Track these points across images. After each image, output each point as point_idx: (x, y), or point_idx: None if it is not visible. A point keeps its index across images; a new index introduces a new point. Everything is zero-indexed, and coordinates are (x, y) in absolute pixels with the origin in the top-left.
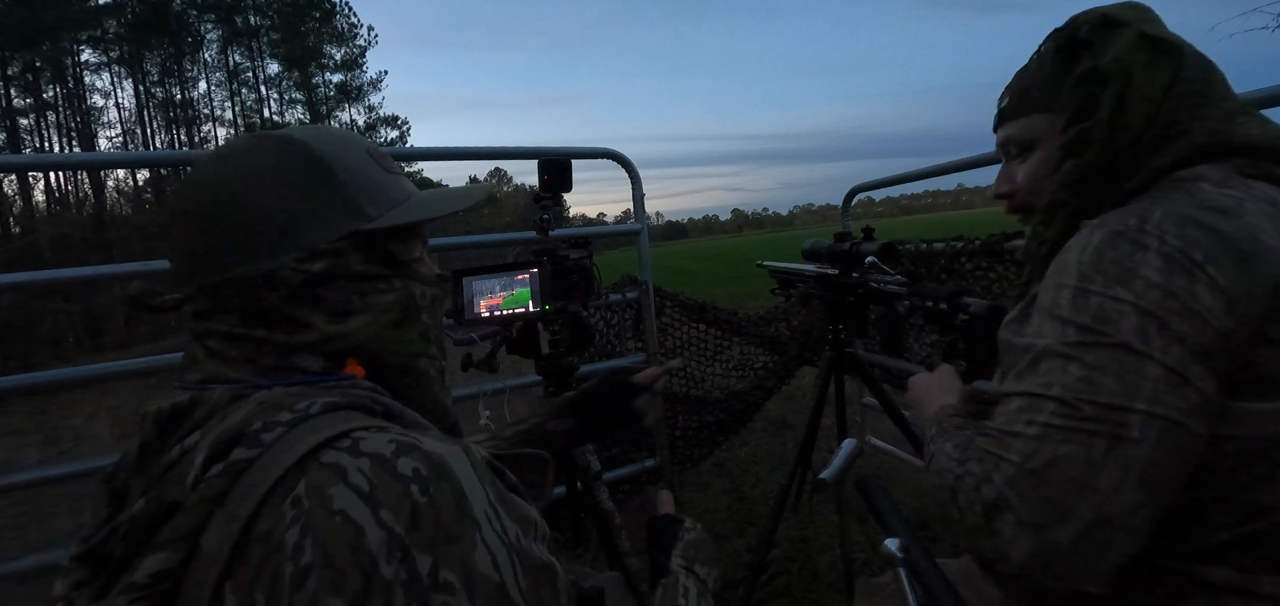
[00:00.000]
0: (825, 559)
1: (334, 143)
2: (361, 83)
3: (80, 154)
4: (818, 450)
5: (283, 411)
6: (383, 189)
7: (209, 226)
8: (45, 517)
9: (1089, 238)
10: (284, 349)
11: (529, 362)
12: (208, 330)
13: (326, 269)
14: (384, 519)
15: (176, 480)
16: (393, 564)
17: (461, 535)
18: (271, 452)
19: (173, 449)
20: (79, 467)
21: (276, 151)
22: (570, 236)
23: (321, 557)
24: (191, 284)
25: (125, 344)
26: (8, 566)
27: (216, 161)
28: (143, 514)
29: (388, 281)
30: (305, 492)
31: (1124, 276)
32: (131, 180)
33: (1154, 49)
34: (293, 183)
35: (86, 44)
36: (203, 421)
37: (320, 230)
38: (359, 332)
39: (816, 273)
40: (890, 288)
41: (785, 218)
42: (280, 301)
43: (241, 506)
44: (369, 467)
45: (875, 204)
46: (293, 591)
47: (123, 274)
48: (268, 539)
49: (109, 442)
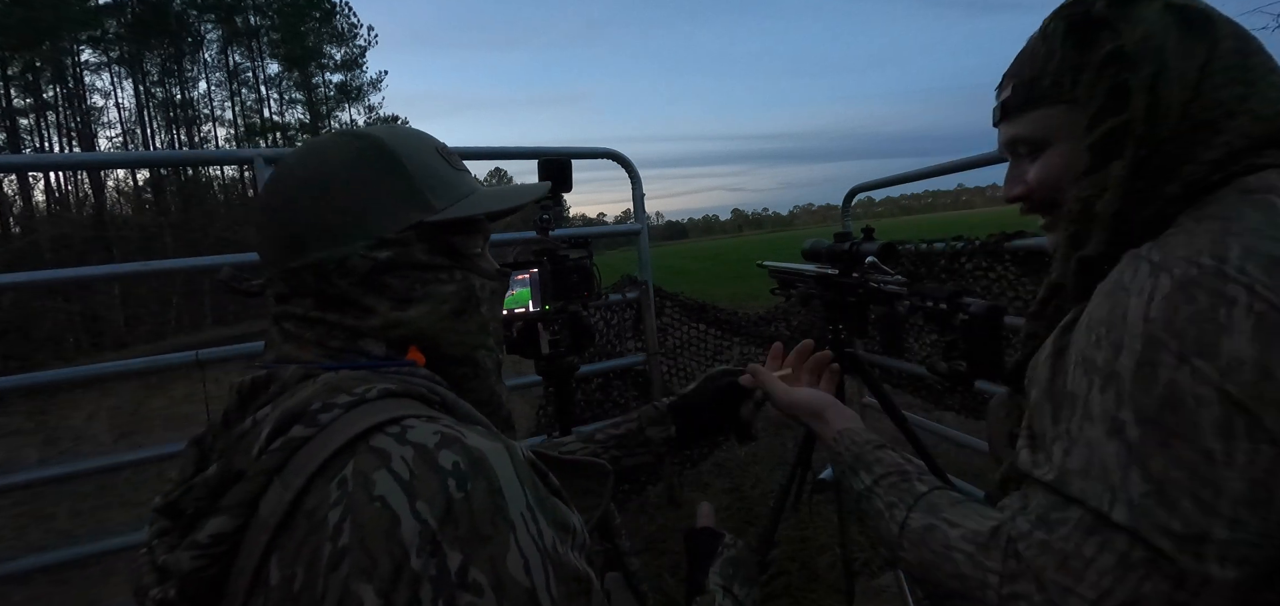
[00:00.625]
0: (825, 559)
1: (404, 139)
2: (361, 83)
3: (80, 154)
4: (818, 450)
5: (341, 394)
6: (448, 184)
7: (291, 215)
8: (45, 517)
9: (1153, 281)
10: (352, 332)
11: (529, 363)
12: (285, 313)
13: (392, 257)
14: (419, 510)
15: (245, 449)
16: (423, 557)
17: (494, 535)
18: (326, 432)
19: (248, 420)
20: (79, 467)
21: (353, 146)
22: (570, 236)
23: (357, 541)
24: (274, 268)
25: (125, 344)
26: (8, 566)
27: (299, 157)
28: (213, 478)
29: (449, 273)
30: (351, 474)
31: (1205, 346)
32: (131, 180)
33: (1184, 22)
34: (365, 175)
35: (86, 44)
36: (276, 396)
37: (388, 220)
38: (420, 320)
39: (816, 273)
40: (890, 288)
41: (785, 218)
42: (349, 286)
43: (296, 478)
44: (412, 457)
45: (875, 204)
46: (328, 572)
47: (123, 274)
48: (313, 515)
49: (109, 442)
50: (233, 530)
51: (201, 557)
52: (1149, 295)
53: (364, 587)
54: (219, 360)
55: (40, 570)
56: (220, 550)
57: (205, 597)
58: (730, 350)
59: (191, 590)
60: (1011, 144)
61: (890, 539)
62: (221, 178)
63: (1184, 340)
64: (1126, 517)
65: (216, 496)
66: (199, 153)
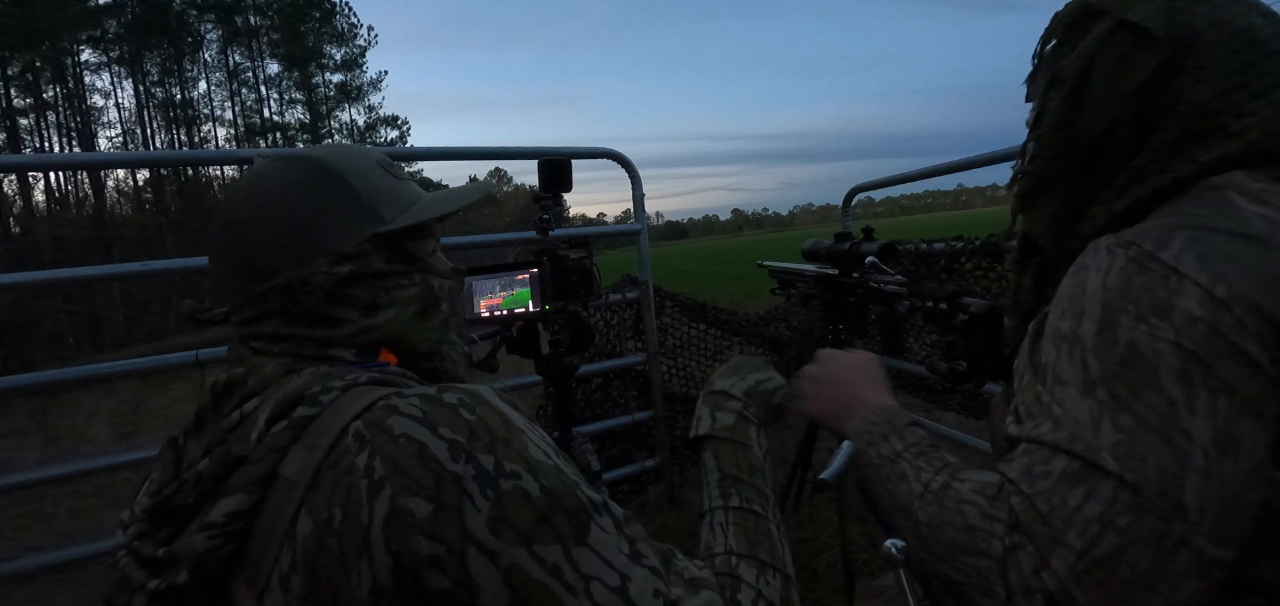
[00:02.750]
0: (825, 559)
1: (348, 157)
2: (361, 83)
3: (80, 154)
4: (818, 450)
5: (335, 380)
6: (394, 195)
7: (248, 243)
8: (45, 517)
9: (1110, 258)
10: (323, 342)
11: (529, 362)
12: (253, 333)
13: (353, 270)
14: (443, 433)
15: (240, 439)
16: (459, 462)
17: (511, 438)
18: (330, 411)
19: (231, 414)
20: (79, 467)
21: (298, 171)
22: (570, 236)
23: (392, 470)
24: (239, 295)
25: (125, 343)
26: (8, 566)
27: (247, 187)
28: (209, 469)
29: (408, 276)
30: (365, 426)
31: (1158, 308)
32: (131, 180)
33: (1135, 40)
34: (316, 197)
35: (86, 44)
36: (258, 390)
37: (344, 236)
38: (390, 324)
39: (816, 273)
40: (890, 288)
41: (785, 218)
42: (316, 303)
43: (321, 439)
44: (418, 401)
45: (875, 204)
46: (371, 499)
47: (123, 274)
48: (337, 466)
49: (109, 443)
50: (248, 507)
51: (217, 536)
52: (1105, 270)
53: (412, 500)
54: (219, 360)
55: (41, 570)
56: (236, 527)
57: (216, 577)
58: (730, 350)
59: (206, 570)
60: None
61: (907, 500)
62: (221, 178)
63: (1139, 304)
64: (1116, 467)
65: (219, 482)
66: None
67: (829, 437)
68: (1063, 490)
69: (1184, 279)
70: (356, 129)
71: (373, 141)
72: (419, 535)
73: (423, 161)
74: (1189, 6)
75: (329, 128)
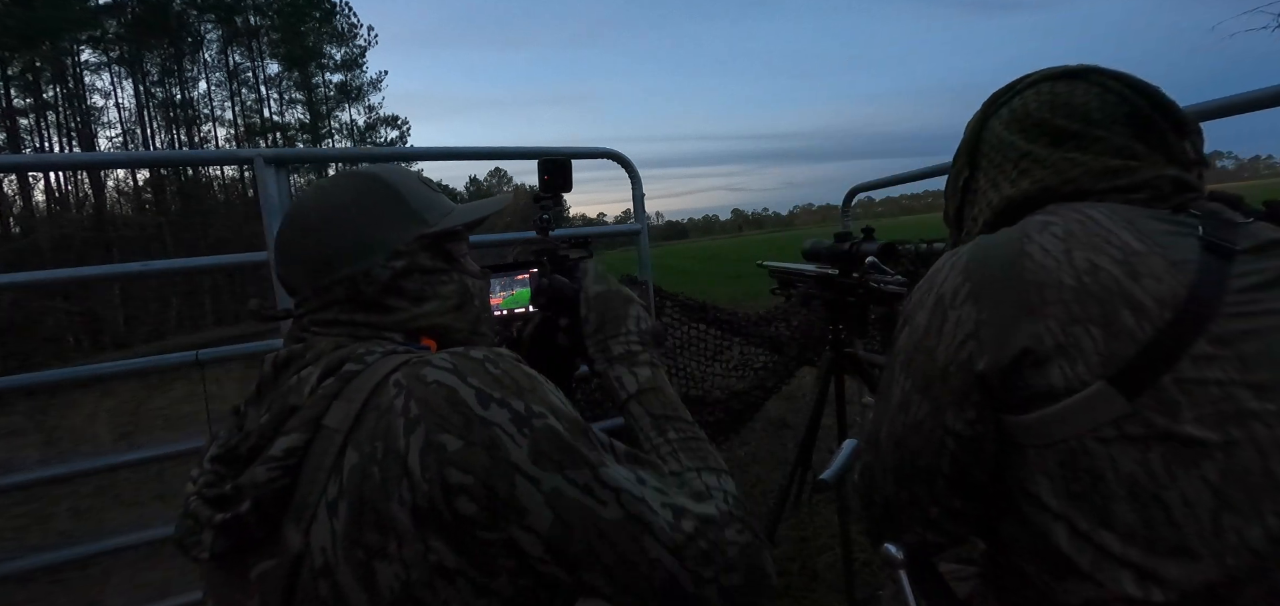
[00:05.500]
0: (825, 559)
1: (396, 173)
2: (361, 82)
3: (80, 154)
4: (818, 450)
5: (377, 346)
6: (434, 204)
7: (319, 242)
8: (45, 518)
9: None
10: (376, 326)
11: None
12: (316, 319)
13: (406, 265)
14: (471, 382)
15: (297, 392)
16: (489, 406)
17: (532, 387)
18: (371, 368)
19: (289, 381)
20: (79, 467)
21: (358, 183)
22: (570, 236)
23: (426, 409)
24: (307, 286)
25: (125, 344)
26: (7, 566)
27: (315, 195)
28: (268, 420)
29: (448, 274)
30: (403, 376)
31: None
32: (131, 180)
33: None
34: (374, 203)
35: (86, 44)
36: (313, 361)
37: (397, 236)
38: (433, 314)
39: (817, 273)
40: (890, 288)
41: (785, 218)
42: (375, 292)
43: (359, 392)
44: (448, 357)
45: (875, 204)
46: (407, 433)
47: (122, 274)
48: (377, 407)
49: (108, 443)
50: (302, 444)
51: (276, 468)
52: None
53: (444, 436)
54: (219, 360)
55: (40, 570)
56: (292, 461)
57: (274, 508)
58: (730, 350)
59: (265, 500)
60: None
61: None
62: (221, 178)
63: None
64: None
65: (277, 428)
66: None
67: (829, 438)
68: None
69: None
70: (356, 129)
71: (372, 141)
72: (451, 466)
73: (423, 161)
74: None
75: (329, 128)
